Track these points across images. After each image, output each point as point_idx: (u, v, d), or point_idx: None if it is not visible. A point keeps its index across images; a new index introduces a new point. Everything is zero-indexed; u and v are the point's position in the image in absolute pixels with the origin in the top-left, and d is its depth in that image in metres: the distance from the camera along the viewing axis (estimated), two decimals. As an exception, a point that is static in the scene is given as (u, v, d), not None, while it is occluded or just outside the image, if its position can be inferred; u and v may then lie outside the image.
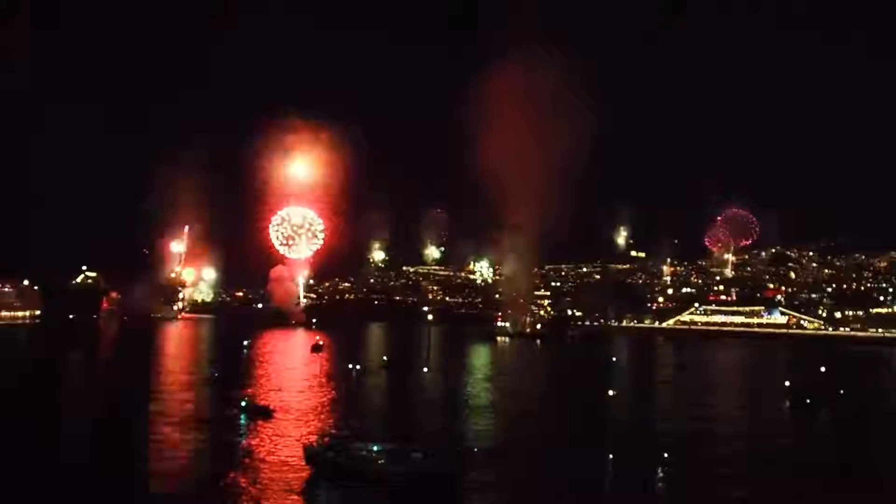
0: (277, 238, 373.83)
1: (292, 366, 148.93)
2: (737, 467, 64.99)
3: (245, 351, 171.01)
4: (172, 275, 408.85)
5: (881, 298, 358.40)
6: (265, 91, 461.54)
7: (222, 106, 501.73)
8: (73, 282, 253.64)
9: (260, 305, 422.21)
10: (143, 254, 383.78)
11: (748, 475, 62.74)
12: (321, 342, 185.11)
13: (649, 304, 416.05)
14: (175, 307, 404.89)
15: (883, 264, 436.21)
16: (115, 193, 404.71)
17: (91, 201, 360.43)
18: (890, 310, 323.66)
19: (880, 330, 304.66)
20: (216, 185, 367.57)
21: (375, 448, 58.64)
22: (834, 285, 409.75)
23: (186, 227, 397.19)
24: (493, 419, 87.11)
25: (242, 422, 78.81)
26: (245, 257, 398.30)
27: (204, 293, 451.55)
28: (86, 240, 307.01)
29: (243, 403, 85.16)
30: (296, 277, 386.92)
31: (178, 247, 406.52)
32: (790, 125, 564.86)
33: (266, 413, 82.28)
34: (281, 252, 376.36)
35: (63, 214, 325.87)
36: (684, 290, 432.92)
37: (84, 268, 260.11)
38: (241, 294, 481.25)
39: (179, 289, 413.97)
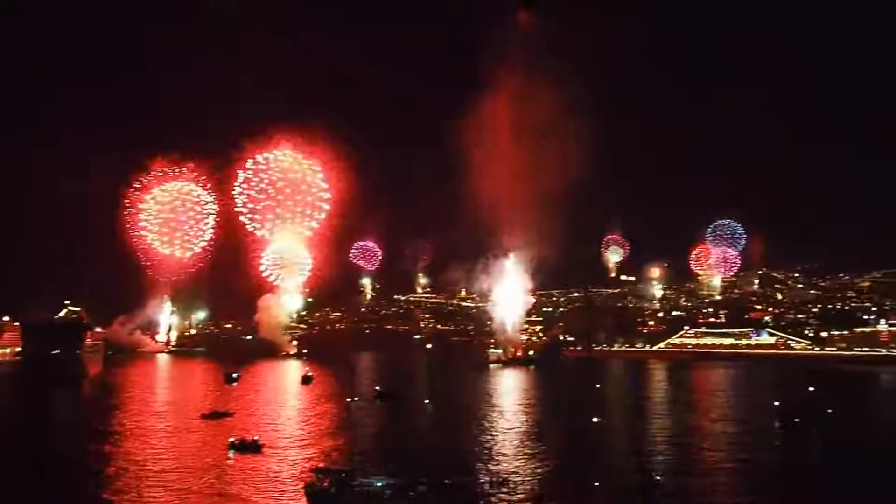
0: (266, 269, 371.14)
1: (283, 398, 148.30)
2: (728, 489, 65.30)
3: (234, 384, 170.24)
4: (159, 308, 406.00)
5: (865, 318, 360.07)
6: (255, 118, 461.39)
7: (210, 132, 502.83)
8: (56, 316, 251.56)
9: (249, 337, 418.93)
10: (128, 288, 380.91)
11: (739, 496, 63.08)
12: (311, 373, 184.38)
13: (640, 328, 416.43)
14: (161, 341, 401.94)
15: (866, 284, 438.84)
16: (99, 227, 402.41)
17: (74, 235, 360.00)
18: (873, 329, 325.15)
19: (865, 349, 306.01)
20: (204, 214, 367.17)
21: (379, 483, 58.18)
22: (819, 306, 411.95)
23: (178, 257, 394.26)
24: (492, 448, 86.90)
25: (231, 457, 78.58)
26: (234, 288, 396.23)
27: (192, 326, 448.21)
28: (69, 274, 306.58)
29: (231, 439, 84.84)
30: (286, 307, 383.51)
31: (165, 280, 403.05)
32: (782, 153, 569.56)
33: (255, 447, 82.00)
34: (270, 282, 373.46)
35: (46, 249, 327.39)
36: (674, 313, 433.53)
37: (67, 302, 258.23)
38: (230, 325, 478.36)
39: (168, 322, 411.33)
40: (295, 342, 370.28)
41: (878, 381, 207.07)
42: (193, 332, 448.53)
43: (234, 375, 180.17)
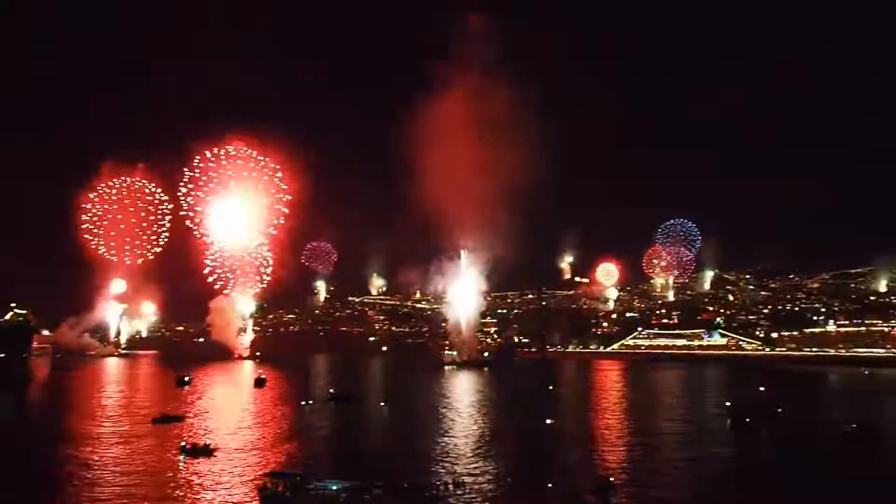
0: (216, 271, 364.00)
1: (235, 401, 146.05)
2: (681, 488, 65.78)
3: (186, 387, 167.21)
4: (109, 311, 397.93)
5: (814, 319, 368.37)
6: (205, 119, 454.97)
7: (161, 133, 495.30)
8: (2, 319, 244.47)
9: (201, 339, 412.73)
10: (77, 290, 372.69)
11: (692, 495, 63.56)
12: (264, 376, 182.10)
13: (594, 329, 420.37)
14: (111, 344, 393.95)
15: (816, 285, 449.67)
16: (48, 228, 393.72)
17: (21, 237, 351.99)
18: (823, 329, 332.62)
19: (814, 349, 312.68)
20: (156, 216, 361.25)
21: (334, 486, 57.32)
22: (770, 307, 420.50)
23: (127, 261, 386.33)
24: (448, 450, 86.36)
25: (182, 461, 76.85)
26: (186, 289, 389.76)
27: (143, 328, 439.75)
28: (14, 277, 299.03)
29: (182, 444, 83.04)
30: (238, 309, 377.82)
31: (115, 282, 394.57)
32: (734, 153, 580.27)
33: (207, 452, 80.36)
34: (220, 284, 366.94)
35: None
36: (628, 314, 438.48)
37: (13, 305, 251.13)
38: (181, 328, 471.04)
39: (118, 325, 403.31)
40: (248, 344, 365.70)
41: (826, 382, 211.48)
42: (144, 334, 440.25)
43: (186, 378, 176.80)
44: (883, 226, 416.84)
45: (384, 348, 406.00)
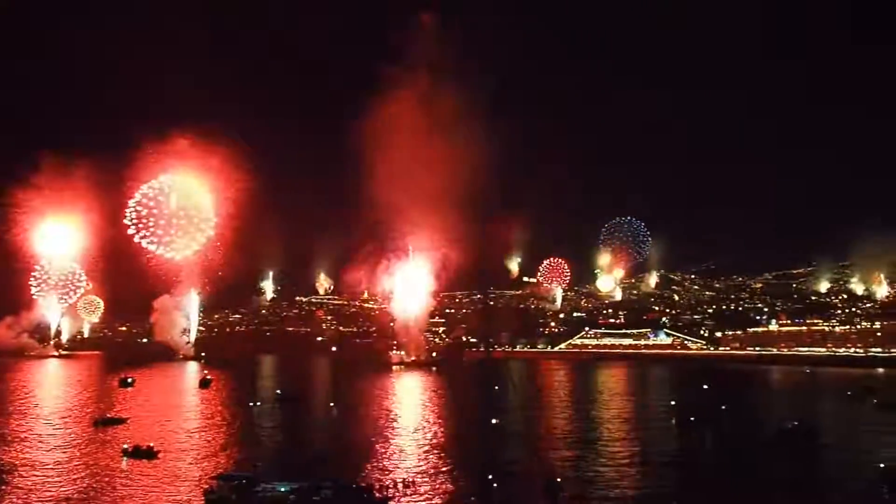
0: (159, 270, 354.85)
1: (180, 403, 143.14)
2: (627, 486, 66.30)
3: (129, 388, 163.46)
4: (49, 310, 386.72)
5: (757, 318, 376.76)
6: (149, 114, 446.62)
7: (104, 131, 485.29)
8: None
9: (145, 340, 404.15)
10: (16, 289, 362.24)
11: (637, 493, 64.10)
12: (210, 377, 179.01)
13: (542, 329, 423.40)
14: (51, 344, 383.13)
15: (759, 285, 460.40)
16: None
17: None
18: (765, 329, 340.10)
19: (757, 348, 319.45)
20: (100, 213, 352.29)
21: (283, 488, 56.39)
22: (714, 306, 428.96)
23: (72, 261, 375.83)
24: (397, 450, 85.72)
25: (124, 464, 74.85)
26: (130, 289, 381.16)
27: (85, 328, 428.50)
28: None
29: (125, 446, 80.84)
30: (183, 309, 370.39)
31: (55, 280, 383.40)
32: (681, 154, 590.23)
33: (150, 454, 78.38)
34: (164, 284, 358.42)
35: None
36: (575, 314, 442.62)
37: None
38: (124, 328, 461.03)
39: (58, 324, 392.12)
40: (193, 345, 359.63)
41: (769, 380, 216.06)
42: (86, 334, 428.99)
43: (129, 380, 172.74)
44: (824, 227, 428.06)
45: (334, 348, 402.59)
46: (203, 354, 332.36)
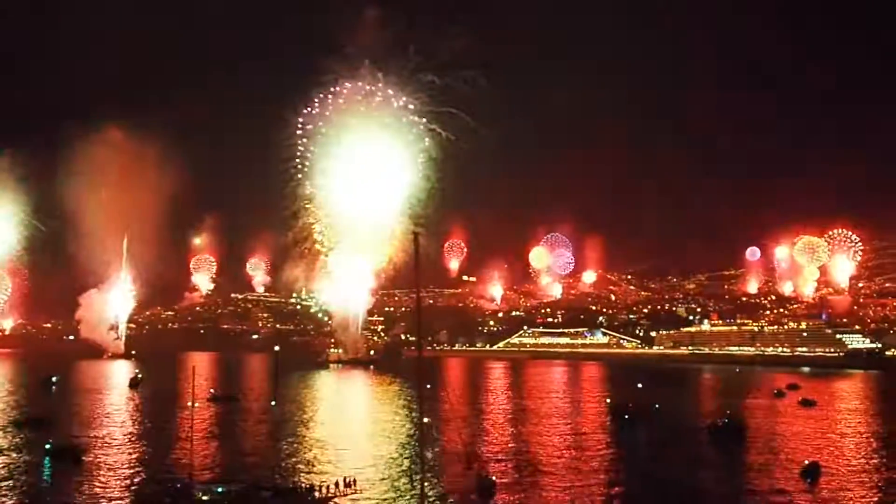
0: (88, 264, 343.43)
1: (108, 402, 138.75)
2: (562, 485, 66.51)
3: (53, 388, 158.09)
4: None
5: (690, 318, 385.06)
6: (82, 110, 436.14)
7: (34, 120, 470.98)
8: None
9: (71, 337, 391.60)
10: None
11: (573, 491, 64.34)
12: (140, 375, 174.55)
13: (481, 328, 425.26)
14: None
15: (692, 286, 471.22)
16: None
17: None
18: (698, 328, 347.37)
19: (690, 348, 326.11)
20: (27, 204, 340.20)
21: (219, 490, 54.83)
22: (649, 307, 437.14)
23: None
24: (335, 450, 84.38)
25: (47, 468, 71.91)
26: (54, 284, 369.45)
27: (6, 325, 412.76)
28: None
29: (48, 446, 77.54)
30: (111, 305, 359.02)
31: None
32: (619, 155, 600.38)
33: (76, 456, 75.39)
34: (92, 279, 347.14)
35: None
36: (514, 313, 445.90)
37: None
38: (48, 325, 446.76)
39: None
40: (122, 342, 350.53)
41: (700, 378, 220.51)
42: (6, 331, 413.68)
43: (53, 379, 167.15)
44: (753, 230, 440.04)
45: (276, 348, 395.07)
46: (133, 352, 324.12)
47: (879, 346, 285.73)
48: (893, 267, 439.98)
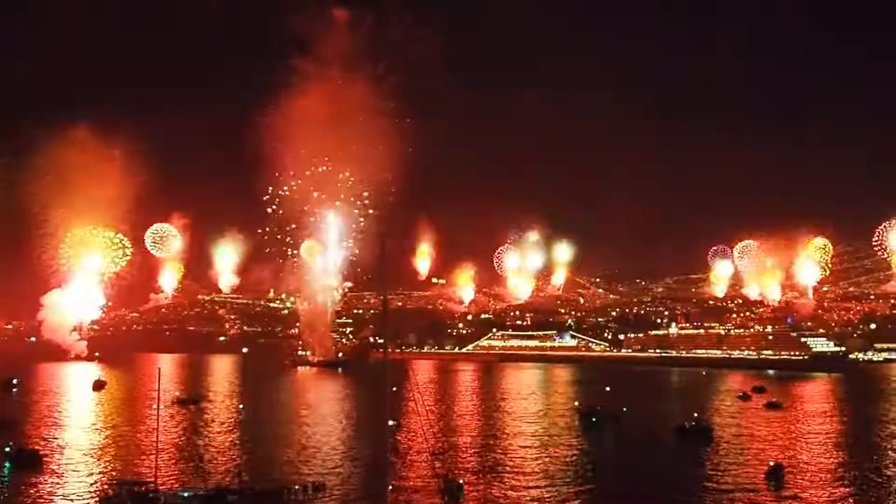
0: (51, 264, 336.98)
1: (71, 405, 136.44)
2: (529, 487, 66.58)
3: (14, 390, 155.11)
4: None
5: (658, 321, 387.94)
6: (46, 106, 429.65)
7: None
8: None
9: (33, 338, 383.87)
10: None
11: (539, 493, 64.44)
12: (104, 378, 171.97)
13: (450, 331, 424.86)
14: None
15: (660, 289, 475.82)
16: None
17: None
18: (666, 332, 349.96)
19: (658, 351, 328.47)
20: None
21: (185, 494, 54.05)
22: (618, 310, 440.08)
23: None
24: (303, 453, 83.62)
25: (6, 472, 70.37)
26: (16, 284, 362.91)
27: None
28: None
29: (7, 450, 75.79)
30: (75, 306, 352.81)
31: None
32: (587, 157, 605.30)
33: (37, 460, 73.84)
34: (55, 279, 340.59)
35: None
36: (483, 316, 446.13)
37: None
38: (10, 326, 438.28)
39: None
40: (86, 344, 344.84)
41: (668, 381, 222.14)
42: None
43: (14, 381, 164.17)
44: (721, 233, 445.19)
45: (245, 350, 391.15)
46: (97, 354, 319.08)
47: (843, 349, 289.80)
48: (857, 271, 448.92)
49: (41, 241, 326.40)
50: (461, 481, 64.54)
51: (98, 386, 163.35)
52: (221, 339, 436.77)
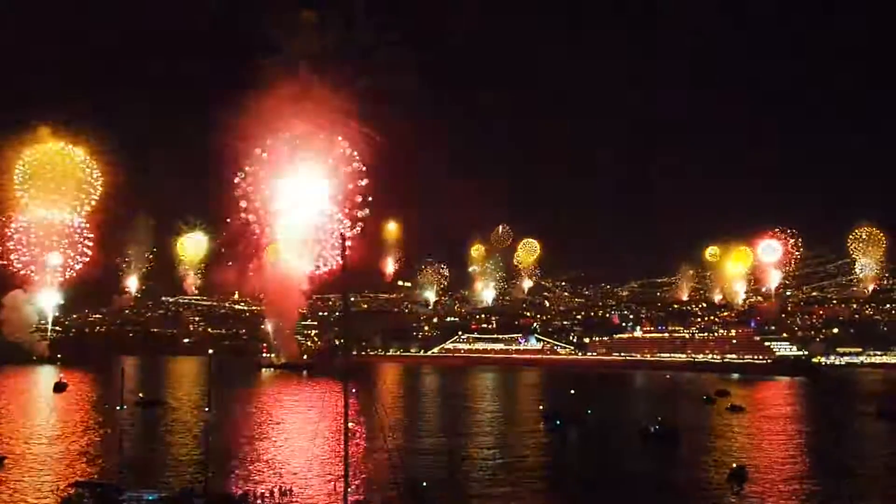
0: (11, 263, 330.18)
1: (31, 407, 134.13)
2: (494, 490, 66.92)
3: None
4: None
5: (623, 325, 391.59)
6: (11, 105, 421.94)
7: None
8: None
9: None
10: None
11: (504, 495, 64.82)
12: (66, 380, 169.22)
13: (415, 333, 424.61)
14: None
15: (625, 293, 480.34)
16: None
17: None
18: (630, 335, 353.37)
19: (623, 354, 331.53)
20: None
21: (150, 497, 53.42)
22: (583, 313, 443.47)
23: None
24: (271, 457, 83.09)
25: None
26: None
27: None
28: None
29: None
30: (36, 306, 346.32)
31: None
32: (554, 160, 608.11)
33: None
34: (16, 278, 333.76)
35: None
36: (448, 318, 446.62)
37: None
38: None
39: None
40: (46, 346, 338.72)
41: (632, 384, 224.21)
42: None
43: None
44: (685, 238, 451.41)
45: (210, 351, 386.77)
46: (59, 356, 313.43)
47: (806, 353, 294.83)
48: (820, 276, 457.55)
49: (1, 241, 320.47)
50: (424, 483, 64.63)
51: (59, 388, 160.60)
52: (186, 341, 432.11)
